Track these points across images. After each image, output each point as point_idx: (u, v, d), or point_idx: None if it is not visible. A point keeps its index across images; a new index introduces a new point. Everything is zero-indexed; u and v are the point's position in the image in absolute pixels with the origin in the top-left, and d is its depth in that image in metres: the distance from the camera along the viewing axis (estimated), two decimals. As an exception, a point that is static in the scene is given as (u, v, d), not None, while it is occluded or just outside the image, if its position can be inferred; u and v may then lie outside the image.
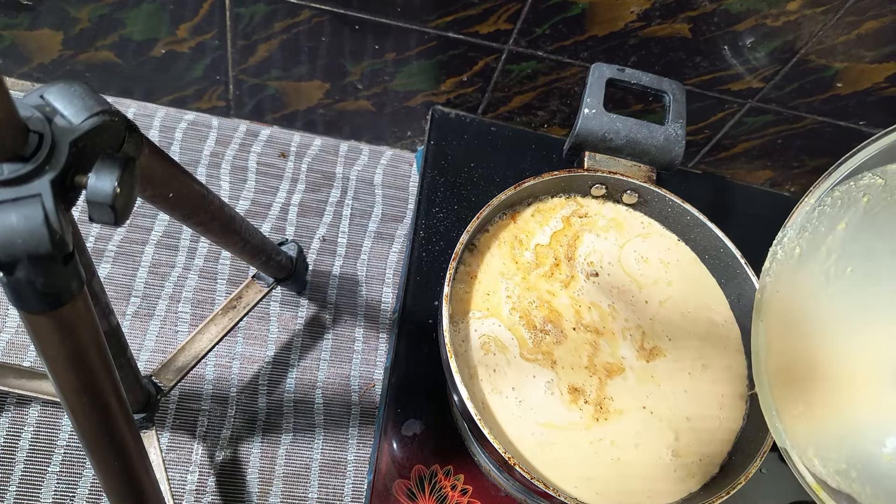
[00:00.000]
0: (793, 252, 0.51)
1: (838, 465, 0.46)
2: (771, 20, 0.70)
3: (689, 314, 0.64)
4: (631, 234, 0.67)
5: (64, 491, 0.65)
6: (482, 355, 0.58)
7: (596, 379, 0.58)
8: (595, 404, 0.57)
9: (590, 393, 0.58)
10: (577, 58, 0.76)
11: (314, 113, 0.87)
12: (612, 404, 0.58)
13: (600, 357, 0.59)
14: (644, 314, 0.63)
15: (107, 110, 0.33)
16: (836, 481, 0.45)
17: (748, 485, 0.53)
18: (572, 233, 0.65)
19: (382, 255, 0.85)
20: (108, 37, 0.76)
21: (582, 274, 0.63)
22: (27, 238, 0.29)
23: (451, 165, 0.80)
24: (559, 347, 0.59)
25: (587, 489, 0.55)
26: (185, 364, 0.64)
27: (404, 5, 0.71)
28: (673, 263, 0.66)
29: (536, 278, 0.62)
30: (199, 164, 0.85)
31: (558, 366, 0.58)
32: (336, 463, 0.72)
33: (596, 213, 0.67)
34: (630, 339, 0.61)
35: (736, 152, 0.90)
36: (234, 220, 0.53)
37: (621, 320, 0.62)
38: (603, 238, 0.66)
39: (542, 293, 0.61)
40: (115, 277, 0.76)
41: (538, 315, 0.60)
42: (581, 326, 0.60)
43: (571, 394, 0.57)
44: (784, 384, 0.50)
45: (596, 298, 0.62)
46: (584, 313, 0.61)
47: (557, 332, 0.60)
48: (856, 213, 0.47)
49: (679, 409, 0.59)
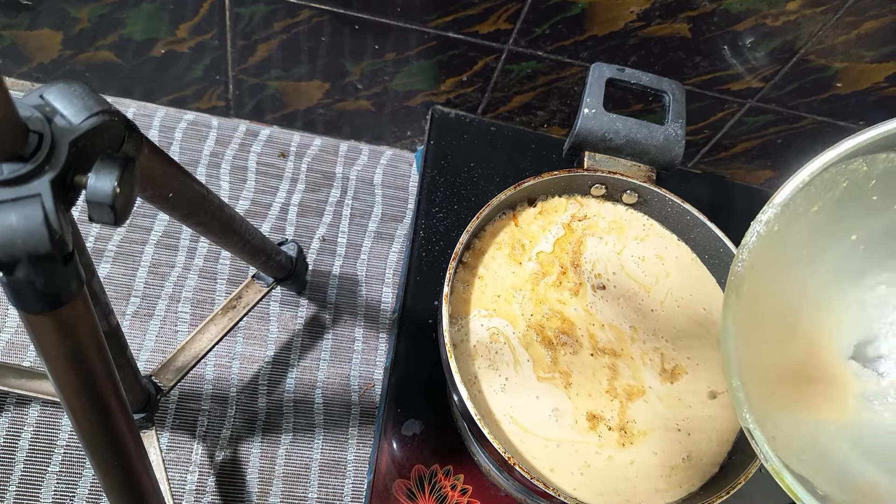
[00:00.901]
0: (771, 230, 0.50)
1: (799, 449, 0.46)
2: (771, 20, 0.70)
3: (690, 315, 0.64)
4: (631, 236, 0.67)
5: (64, 491, 0.65)
6: (485, 354, 0.58)
7: (617, 403, 0.58)
8: (619, 429, 0.57)
9: (611, 418, 0.57)
10: (576, 58, 0.76)
11: (314, 113, 0.87)
12: (636, 426, 0.57)
13: (621, 381, 0.59)
14: (653, 322, 0.62)
15: (106, 110, 0.33)
16: (797, 466, 0.45)
17: (748, 484, 0.53)
18: (575, 238, 0.65)
19: (382, 254, 0.85)
20: (108, 37, 0.76)
21: (589, 283, 0.63)
22: (27, 238, 0.29)
23: (451, 165, 0.80)
24: (576, 372, 0.58)
25: (587, 489, 0.55)
26: (185, 364, 0.64)
27: (404, 5, 0.71)
28: (671, 260, 0.66)
29: (545, 288, 0.61)
30: (199, 163, 0.85)
31: (572, 389, 0.58)
32: (336, 463, 0.72)
33: (595, 215, 0.67)
34: (650, 363, 0.61)
35: (736, 152, 0.90)
36: (234, 219, 0.53)
37: (639, 342, 0.61)
38: (605, 242, 0.66)
39: (553, 303, 0.61)
40: (115, 277, 0.76)
41: (552, 327, 0.60)
42: (598, 351, 0.60)
43: (590, 421, 0.57)
44: (753, 366, 0.50)
45: (609, 316, 0.61)
46: (598, 335, 0.60)
47: (573, 341, 0.59)
48: (832, 198, 0.48)
49: (689, 414, 0.59)
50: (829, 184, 0.47)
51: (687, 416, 0.59)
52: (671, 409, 0.59)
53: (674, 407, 0.59)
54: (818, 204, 0.48)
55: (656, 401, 0.59)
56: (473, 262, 0.62)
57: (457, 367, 0.53)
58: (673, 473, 0.57)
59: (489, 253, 0.62)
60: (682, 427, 0.59)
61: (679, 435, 0.58)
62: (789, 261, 0.50)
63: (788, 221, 0.48)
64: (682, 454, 0.58)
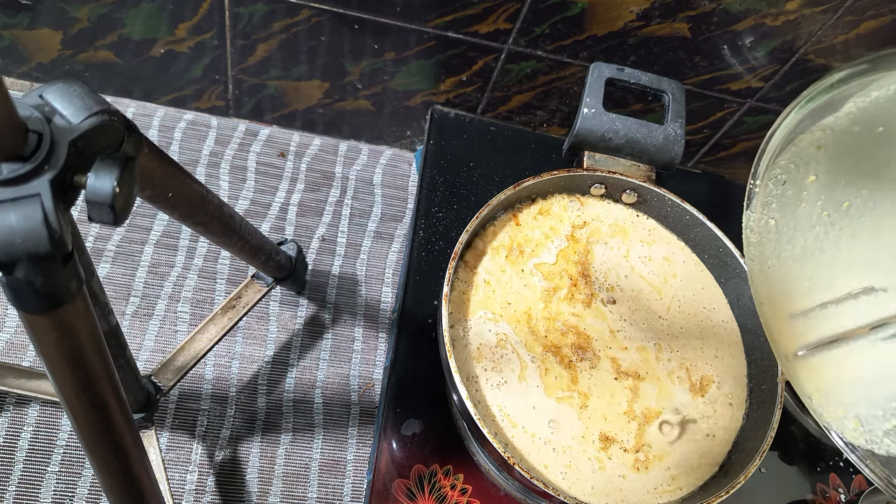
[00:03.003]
0: (768, 225, 0.53)
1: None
2: (770, 20, 0.70)
3: (691, 315, 0.64)
4: (636, 239, 0.66)
5: (63, 491, 0.65)
6: (489, 356, 0.58)
7: (635, 425, 0.57)
8: (634, 452, 0.56)
9: (627, 441, 0.57)
10: (576, 57, 0.76)
11: (313, 112, 0.87)
12: (652, 451, 0.57)
13: (640, 403, 0.58)
14: (666, 331, 0.62)
15: (106, 110, 0.33)
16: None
17: (748, 484, 0.53)
18: (581, 248, 0.64)
19: (382, 254, 0.85)
20: (108, 36, 0.76)
21: (601, 294, 0.62)
22: (26, 238, 0.29)
23: (451, 165, 0.80)
24: (594, 396, 0.58)
25: (588, 490, 0.55)
26: (185, 364, 0.64)
27: (403, 5, 0.71)
28: (679, 264, 0.66)
29: (558, 303, 0.61)
30: (199, 163, 0.85)
31: (587, 412, 0.57)
32: (335, 462, 0.72)
33: (595, 219, 0.66)
34: (678, 381, 0.60)
35: (735, 151, 0.90)
36: (234, 219, 0.53)
37: (664, 360, 0.61)
38: (610, 247, 0.65)
39: (567, 317, 0.60)
40: (115, 277, 0.76)
41: (567, 343, 0.59)
42: (622, 374, 0.59)
43: (602, 442, 0.56)
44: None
45: (629, 334, 0.61)
46: (620, 358, 0.60)
47: (591, 355, 0.59)
48: (818, 164, 0.51)
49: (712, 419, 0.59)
50: (798, 164, 0.50)
51: (696, 416, 0.59)
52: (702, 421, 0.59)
53: (706, 417, 0.59)
54: (810, 174, 0.51)
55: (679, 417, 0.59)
56: (474, 262, 0.62)
57: (456, 367, 0.53)
58: (675, 473, 0.57)
59: (489, 254, 0.62)
60: (695, 428, 0.59)
61: (700, 443, 0.58)
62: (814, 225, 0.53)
63: (782, 210, 0.51)
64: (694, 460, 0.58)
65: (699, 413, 0.59)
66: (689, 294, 0.65)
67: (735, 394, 0.62)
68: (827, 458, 0.72)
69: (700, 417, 0.59)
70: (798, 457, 0.71)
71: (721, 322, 0.65)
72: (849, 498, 0.70)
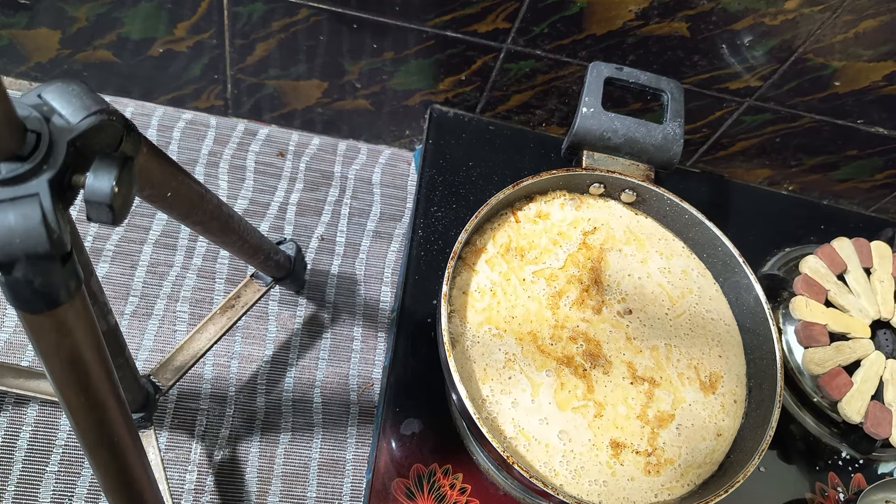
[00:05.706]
0: None
1: None
2: (769, 19, 0.70)
3: (696, 316, 0.64)
4: (653, 251, 0.66)
5: (62, 491, 0.65)
6: (492, 376, 0.58)
7: (648, 429, 0.57)
8: (646, 455, 0.56)
9: (638, 445, 0.57)
10: (575, 57, 0.76)
11: (312, 112, 0.87)
12: (665, 455, 0.57)
13: (655, 406, 0.58)
14: (674, 332, 0.62)
15: (105, 109, 0.33)
16: None
17: (747, 483, 0.53)
18: (595, 255, 0.64)
19: (381, 254, 0.85)
20: (106, 36, 0.76)
21: (615, 304, 0.62)
22: (25, 237, 0.29)
23: (450, 164, 0.80)
24: (608, 405, 0.58)
25: (587, 488, 0.55)
26: (184, 363, 0.64)
27: (402, 4, 0.71)
28: (692, 278, 0.66)
29: (566, 309, 0.60)
30: (198, 163, 0.85)
31: (600, 421, 0.57)
32: (335, 462, 0.72)
33: (604, 224, 0.66)
34: (688, 381, 0.60)
35: (734, 151, 0.90)
36: (233, 219, 0.53)
37: (674, 360, 0.61)
38: (625, 254, 0.65)
39: (577, 323, 0.60)
40: (114, 277, 0.76)
41: (578, 351, 0.59)
42: (637, 379, 0.59)
43: (613, 448, 0.56)
44: None
45: (642, 338, 0.61)
46: (636, 362, 0.59)
47: (603, 360, 0.59)
48: None
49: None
50: None
51: (697, 416, 0.59)
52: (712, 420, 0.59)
53: (714, 416, 0.59)
54: None
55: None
56: (473, 261, 0.62)
57: (455, 366, 0.53)
58: (675, 472, 0.57)
59: (489, 253, 0.62)
60: (691, 426, 0.59)
61: (706, 444, 0.58)
62: None
63: None
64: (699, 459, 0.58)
65: (709, 411, 0.59)
66: (700, 301, 0.65)
67: (737, 392, 0.62)
68: (826, 457, 0.72)
69: (709, 415, 0.59)
70: (797, 456, 0.71)
71: (721, 322, 0.65)
72: (847, 497, 0.70)
